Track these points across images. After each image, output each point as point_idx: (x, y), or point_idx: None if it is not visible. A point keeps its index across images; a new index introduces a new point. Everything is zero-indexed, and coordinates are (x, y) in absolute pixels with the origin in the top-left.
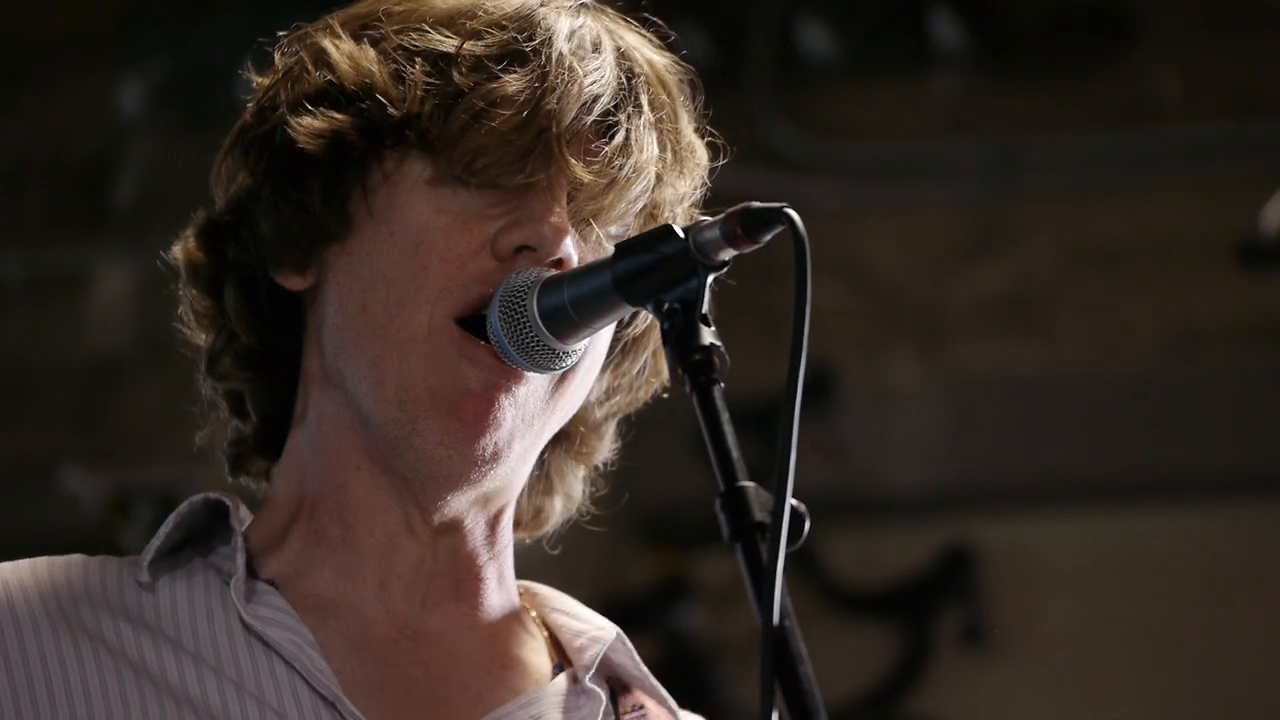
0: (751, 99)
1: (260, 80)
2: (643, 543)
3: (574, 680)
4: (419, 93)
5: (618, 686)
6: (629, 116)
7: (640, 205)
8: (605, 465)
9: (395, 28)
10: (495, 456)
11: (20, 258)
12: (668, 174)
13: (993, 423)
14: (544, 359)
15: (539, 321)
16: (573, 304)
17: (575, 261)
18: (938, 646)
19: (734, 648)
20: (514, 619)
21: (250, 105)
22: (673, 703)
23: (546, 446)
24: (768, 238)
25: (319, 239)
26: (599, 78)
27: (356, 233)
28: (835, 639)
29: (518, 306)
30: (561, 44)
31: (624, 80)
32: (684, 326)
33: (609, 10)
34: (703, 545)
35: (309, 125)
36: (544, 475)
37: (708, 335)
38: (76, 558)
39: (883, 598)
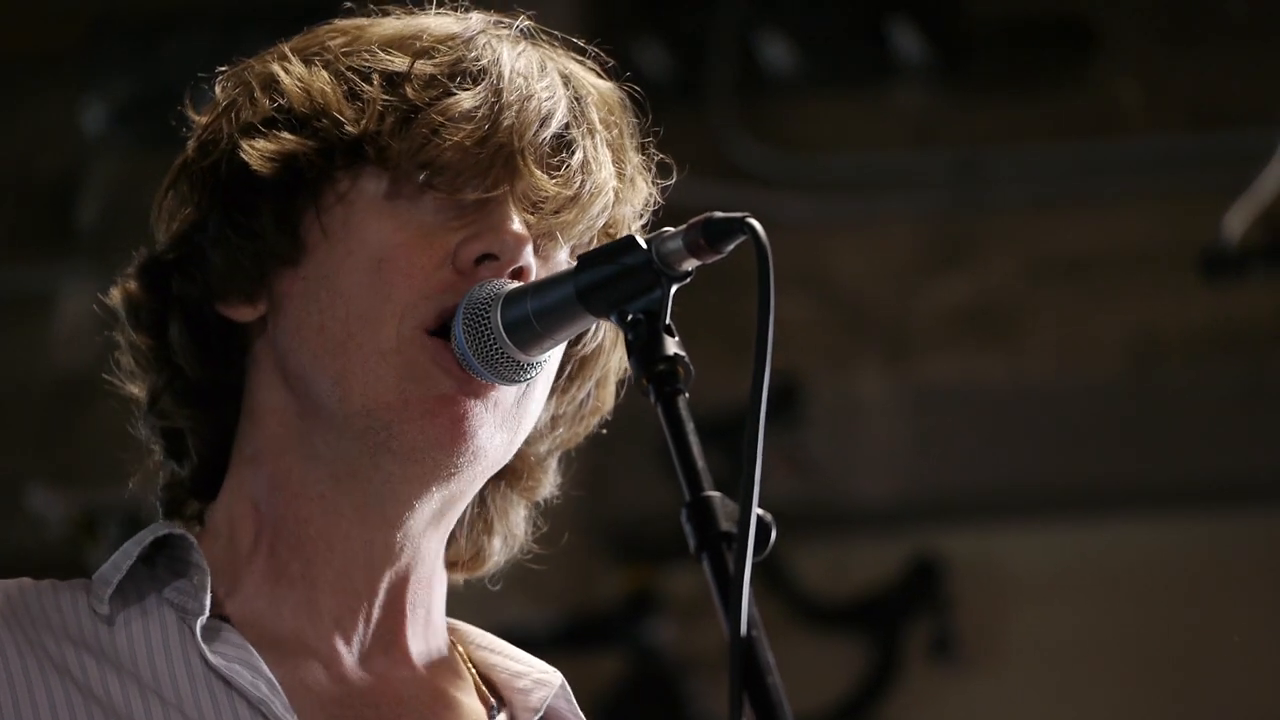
0: (714, 114)
1: (199, 118)
2: (612, 557)
3: None
4: (377, 109)
5: None
6: (583, 134)
7: (600, 222)
8: (546, 502)
9: (343, 51)
10: (473, 456)
11: None
12: (623, 191)
13: (959, 434)
14: (508, 370)
15: (503, 333)
16: (536, 315)
17: (534, 272)
18: (907, 658)
19: (704, 662)
20: (446, 659)
21: (190, 142)
22: None
23: (488, 483)
24: (730, 247)
25: (271, 265)
26: (552, 95)
27: (311, 256)
28: (804, 651)
29: (481, 319)
30: (510, 62)
31: (573, 100)
32: (648, 337)
33: (543, 38)
34: (672, 559)
35: (261, 148)
36: (483, 512)
37: (672, 345)
38: (26, 581)
39: (851, 610)
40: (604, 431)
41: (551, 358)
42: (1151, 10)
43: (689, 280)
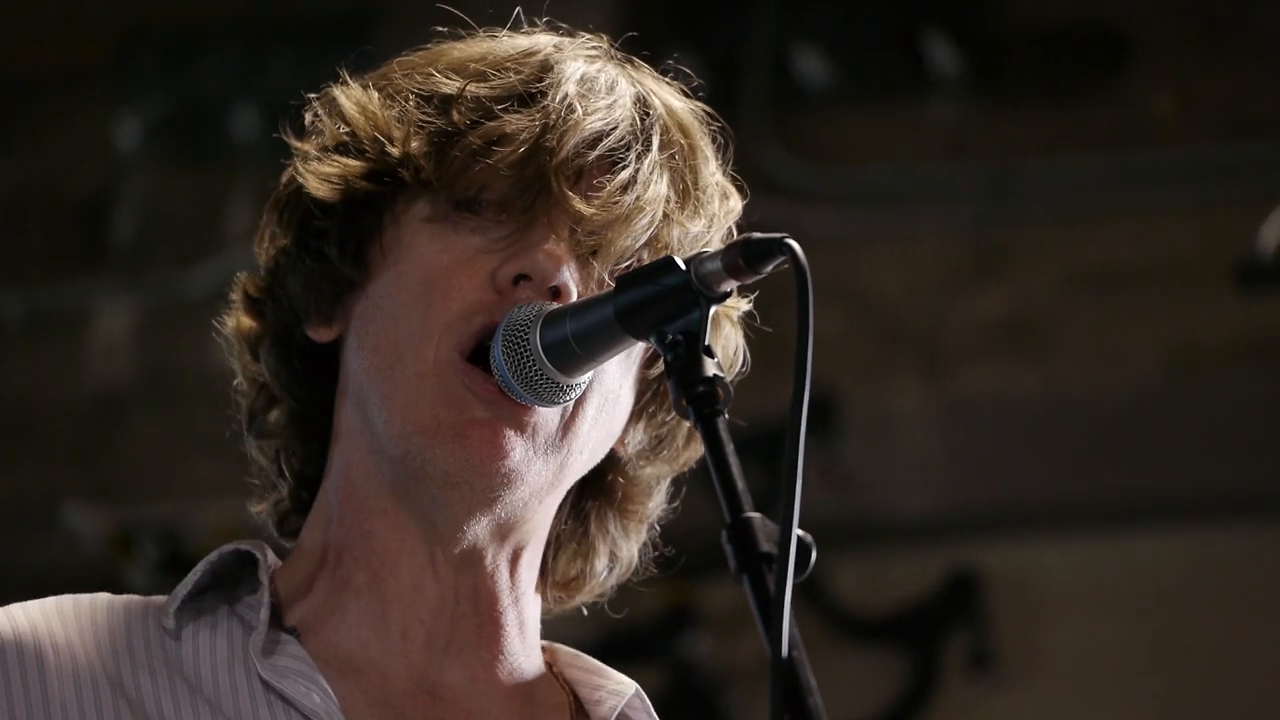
0: (748, 127)
1: (298, 145)
2: (648, 572)
3: None
4: (413, 129)
5: None
6: (638, 155)
7: (643, 241)
8: (660, 525)
9: (405, 74)
10: (508, 481)
11: (19, 295)
12: (677, 213)
13: (995, 447)
14: (548, 392)
15: (542, 354)
16: (575, 337)
17: (574, 292)
18: (944, 671)
19: (740, 675)
20: (536, 674)
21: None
22: None
23: (587, 501)
24: (769, 268)
25: (342, 287)
26: (606, 115)
27: (374, 278)
28: (842, 666)
29: (521, 340)
30: (569, 86)
31: (637, 120)
32: (687, 358)
33: (635, 60)
34: (708, 573)
35: (316, 171)
36: (584, 532)
37: (711, 367)
38: (102, 597)
39: (888, 623)
40: None
41: (598, 380)
42: (1184, 22)
43: (727, 301)
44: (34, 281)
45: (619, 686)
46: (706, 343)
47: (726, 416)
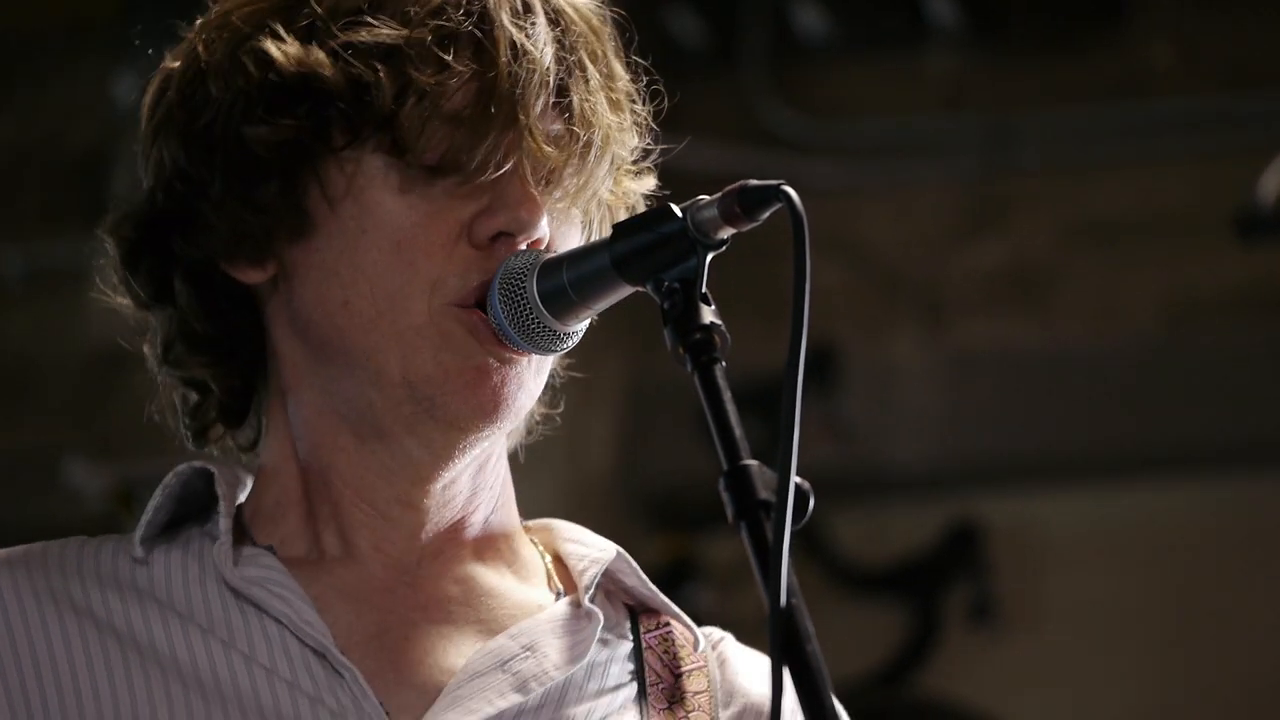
0: (746, 80)
1: (172, 63)
2: (649, 525)
3: (576, 605)
4: (379, 92)
5: (639, 609)
6: (576, 82)
7: (609, 178)
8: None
9: (331, 19)
10: (508, 421)
11: (19, 252)
12: (620, 134)
13: (994, 398)
14: (545, 340)
15: (539, 303)
16: (572, 285)
17: (553, 240)
18: (945, 622)
19: (743, 628)
20: (516, 548)
21: (171, 90)
22: (688, 619)
23: None
24: (766, 215)
25: (278, 237)
26: (544, 47)
27: (321, 230)
28: (843, 617)
29: (517, 289)
30: (505, 19)
31: (562, 42)
32: (684, 306)
33: None
34: (709, 527)
35: (262, 133)
36: None
37: (708, 314)
38: (75, 539)
39: (889, 575)
40: (640, 401)
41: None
42: None
43: (725, 248)
44: (33, 237)
45: (600, 554)
46: (703, 290)
47: (724, 364)
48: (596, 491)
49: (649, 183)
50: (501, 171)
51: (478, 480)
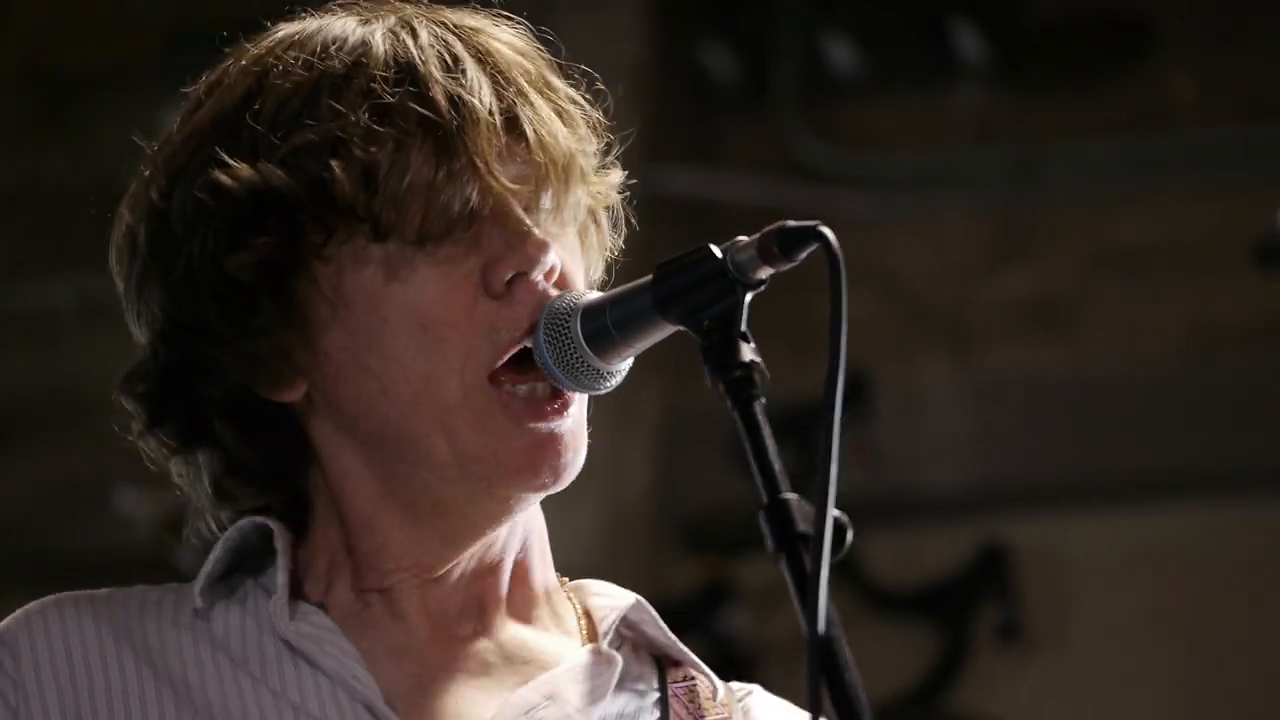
0: (779, 115)
1: (128, 212)
2: (685, 548)
3: (597, 652)
4: (342, 188)
5: (665, 661)
6: (524, 112)
7: (578, 182)
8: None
9: (271, 131)
10: (571, 475)
11: (71, 284)
12: (575, 141)
13: (1021, 424)
14: (589, 379)
15: (583, 344)
16: (615, 326)
17: (560, 266)
18: (975, 644)
19: (778, 649)
20: (553, 605)
21: (135, 241)
22: (707, 669)
23: None
24: (803, 255)
25: (293, 353)
26: (481, 89)
27: (334, 331)
28: (875, 639)
29: (562, 330)
30: (431, 72)
31: (496, 76)
32: (723, 344)
33: (416, 5)
34: (744, 550)
35: (241, 260)
36: None
37: (747, 352)
38: (138, 587)
39: (920, 597)
40: (677, 427)
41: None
42: (1204, 7)
43: (763, 288)
44: (84, 271)
45: (618, 601)
46: (743, 328)
47: (763, 401)
48: (633, 515)
49: (616, 175)
50: (482, 218)
51: (521, 526)
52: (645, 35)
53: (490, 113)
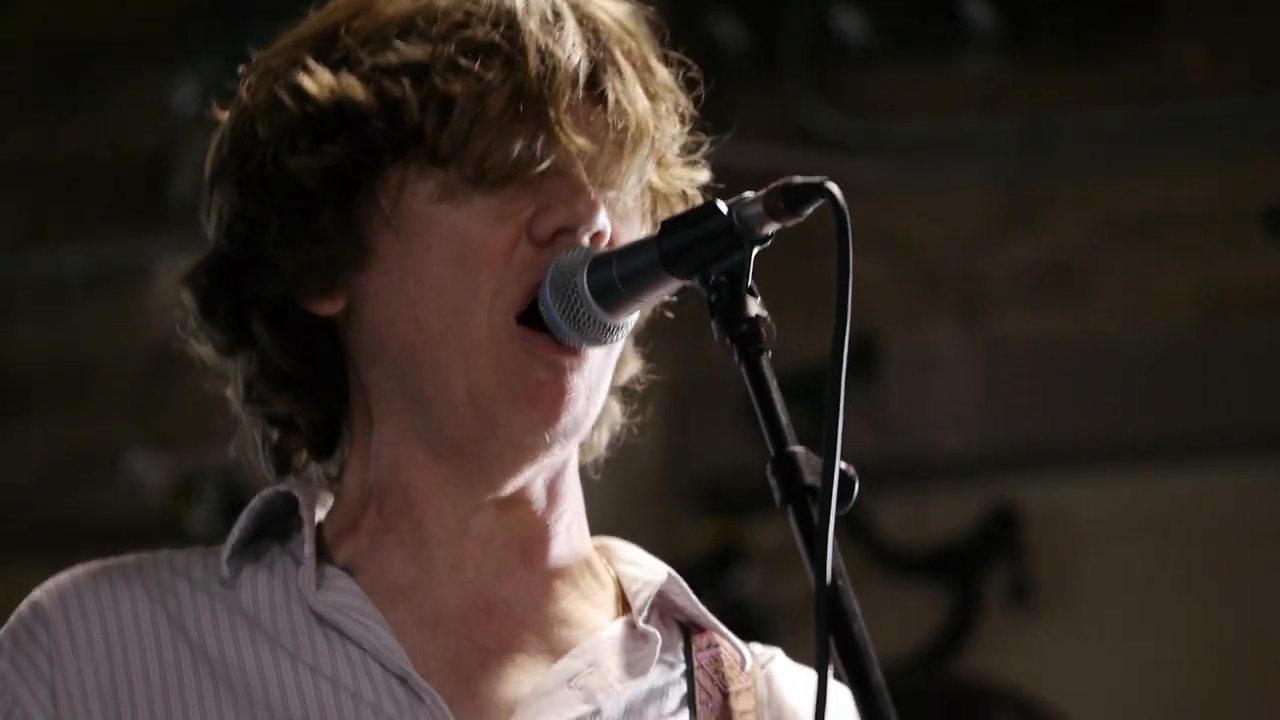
0: (788, 83)
1: (223, 114)
2: (696, 511)
3: (632, 626)
4: (414, 109)
5: (691, 628)
6: (611, 76)
7: (651, 162)
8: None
9: (362, 47)
10: (574, 430)
11: (82, 252)
12: (657, 121)
13: (1031, 388)
14: (595, 333)
15: (589, 297)
16: (622, 280)
17: (609, 233)
18: (985, 605)
19: (788, 611)
20: (585, 572)
21: (223, 140)
22: (735, 639)
23: None
24: (809, 211)
25: (343, 265)
26: (573, 48)
27: (383, 252)
28: (885, 601)
29: (568, 284)
30: (528, 23)
31: (592, 40)
32: (731, 298)
33: None
34: (756, 511)
35: (307, 163)
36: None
37: (754, 306)
38: (165, 550)
39: (930, 559)
40: (687, 390)
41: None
42: None
43: (769, 243)
44: (96, 239)
45: (652, 575)
46: (750, 283)
47: (770, 355)
48: (644, 478)
49: (703, 174)
50: (543, 168)
51: (553, 491)
52: (655, 4)
53: (575, 70)
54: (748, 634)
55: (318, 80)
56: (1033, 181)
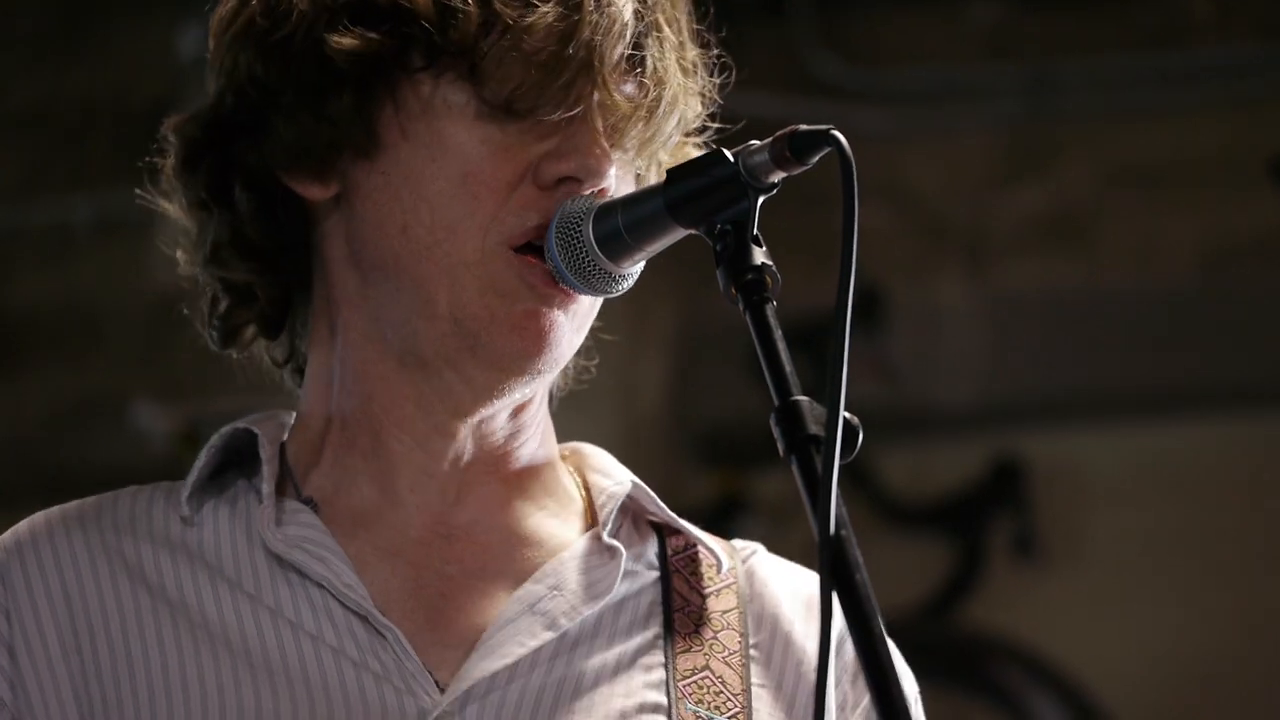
0: (794, 30)
1: None
2: (701, 462)
3: (598, 539)
4: (467, 22)
5: (666, 530)
6: (652, 41)
7: (676, 135)
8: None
9: None
10: (552, 365)
11: (88, 201)
12: (687, 98)
13: (1036, 339)
14: (600, 282)
15: (595, 246)
16: (627, 228)
17: (614, 190)
18: (989, 557)
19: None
20: (551, 487)
21: (253, 3)
22: (710, 540)
23: None
24: (815, 159)
25: (344, 153)
26: (626, 5)
27: (389, 152)
28: (890, 553)
29: (574, 232)
30: None
31: (644, 4)
32: (736, 247)
33: None
34: (760, 463)
35: (346, 44)
36: None
37: (759, 255)
38: (126, 490)
39: (934, 511)
40: (693, 341)
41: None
42: None
43: (775, 192)
44: (101, 187)
45: (616, 487)
46: (755, 232)
47: (775, 304)
48: (649, 428)
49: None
50: (572, 114)
51: (518, 421)
52: None
53: (625, 28)
54: None
55: None
56: (1039, 130)
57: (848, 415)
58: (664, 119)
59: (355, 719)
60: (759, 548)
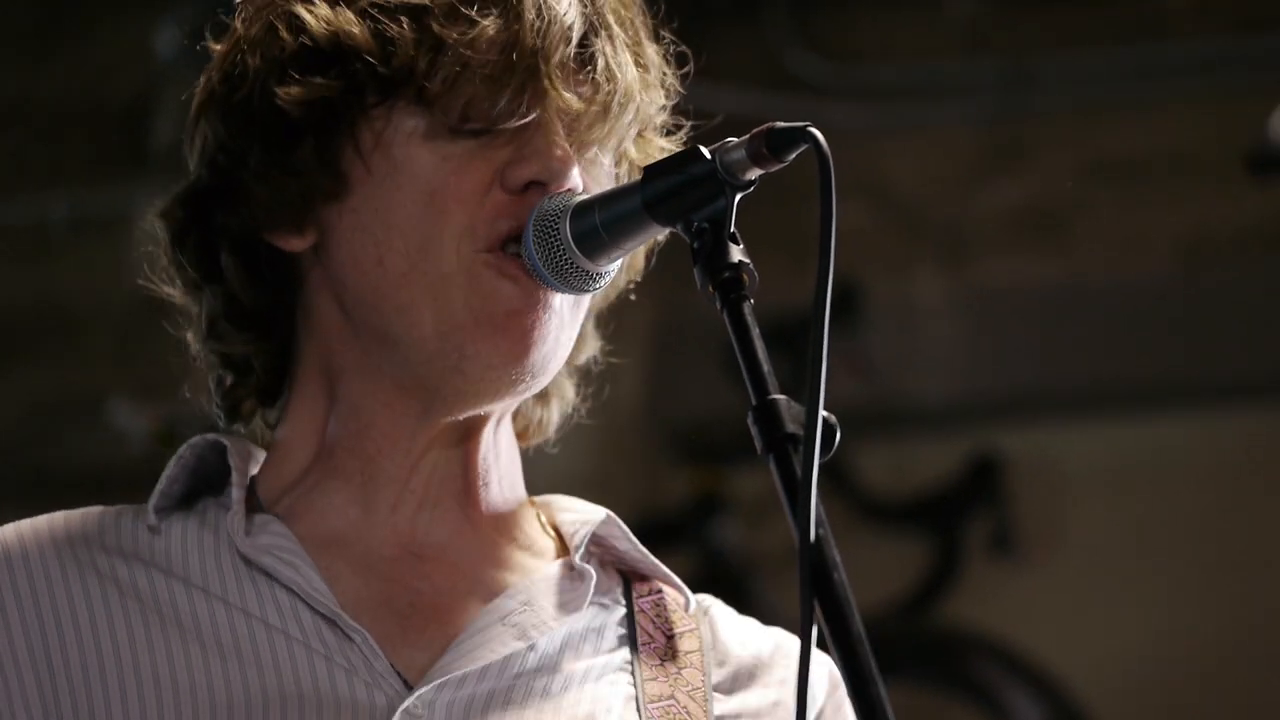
0: (770, 27)
1: (218, 46)
2: (678, 459)
3: (570, 567)
4: (407, 49)
5: (632, 576)
6: (603, 41)
7: (634, 129)
8: (595, 362)
9: None
10: (541, 370)
11: (64, 199)
12: (644, 90)
13: (1015, 334)
14: (578, 280)
15: (572, 244)
16: (604, 226)
17: (581, 190)
18: (967, 553)
19: (769, 561)
20: (520, 520)
21: (212, 73)
22: (678, 581)
23: None
24: (792, 156)
25: (316, 200)
26: (569, 7)
27: (356, 190)
28: (868, 549)
29: (551, 231)
30: None
31: (589, 3)
32: (713, 245)
33: None
34: (737, 461)
35: (295, 94)
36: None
37: (737, 253)
38: (94, 509)
39: (912, 507)
40: (669, 336)
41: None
42: None
43: (752, 189)
44: (78, 185)
45: (587, 516)
46: (732, 230)
47: (752, 302)
48: (626, 426)
49: (675, 150)
50: (526, 120)
51: (496, 442)
52: None
53: (569, 29)
54: (728, 583)
55: (315, 14)
56: (1016, 125)
57: (826, 414)
58: (621, 114)
59: (326, 707)
60: (716, 601)
